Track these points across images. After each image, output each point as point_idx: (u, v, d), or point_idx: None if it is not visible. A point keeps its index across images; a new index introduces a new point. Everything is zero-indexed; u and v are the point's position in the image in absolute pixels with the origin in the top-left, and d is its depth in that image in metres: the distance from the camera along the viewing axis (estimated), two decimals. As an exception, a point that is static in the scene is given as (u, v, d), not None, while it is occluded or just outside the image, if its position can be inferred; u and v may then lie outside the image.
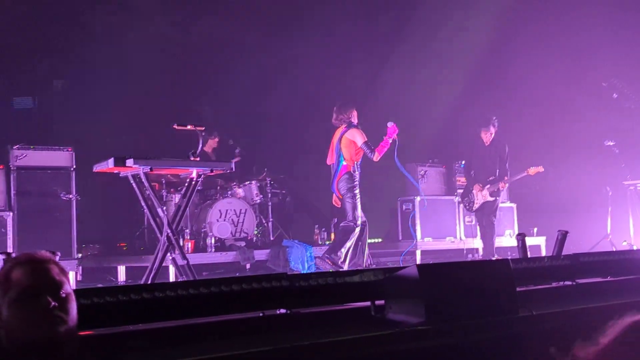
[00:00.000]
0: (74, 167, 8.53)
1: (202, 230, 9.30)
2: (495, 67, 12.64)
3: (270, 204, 10.33)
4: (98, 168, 6.65)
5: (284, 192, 11.30)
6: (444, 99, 12.99)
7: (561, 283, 4.25)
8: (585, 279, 4.34)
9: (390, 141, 8.72)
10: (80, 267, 8.72)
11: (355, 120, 8.82)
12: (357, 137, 8.73)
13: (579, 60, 12.32)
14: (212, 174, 7.38)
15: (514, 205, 11.72)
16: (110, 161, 6.36)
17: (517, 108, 12.38)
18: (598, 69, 12.21)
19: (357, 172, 8.79)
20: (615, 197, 10.93)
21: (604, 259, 4.55)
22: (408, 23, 13.13)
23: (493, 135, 10.25)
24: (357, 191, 8.79)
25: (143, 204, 6.78)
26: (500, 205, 11.55)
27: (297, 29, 12.44)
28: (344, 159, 8.76)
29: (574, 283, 4.24)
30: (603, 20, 12.37)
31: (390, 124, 8.76)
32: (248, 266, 9.16)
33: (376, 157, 8.73)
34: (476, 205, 10.35)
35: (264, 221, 10.23)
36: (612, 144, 10.73)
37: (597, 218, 10.93)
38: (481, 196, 10.29)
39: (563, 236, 4.74)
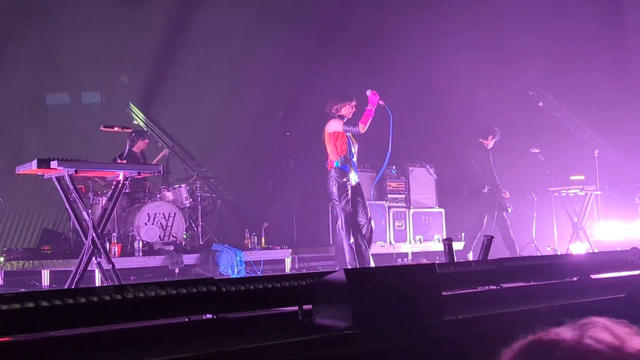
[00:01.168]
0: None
1: (130, 234, 9.13)
2: (423, 76, 12.81)
3: (200, 207, 10.22)
4: (21, 170, 6.45)
5: (214, 195, 11.21)
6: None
7: (486, 287, 4.33)
8: (510, 283, 4.43)
9: (374, 109, 8.06)
10: (2, 271, 8.46)
11: (346, 115, 8.25)
12: (336, 125, 8.18)
13: (506, 69, 12.59)
14: (140, 176, 7.25)
15: (442, 210, 11.89)
16: (34, 163, 6.17)
17: (444, 116, 12.59)
18: (524, 77, 12.53)
19: (341, 168, 8.12)
20: (540, 204, 11.22)
21: (527, 264, 4.65)
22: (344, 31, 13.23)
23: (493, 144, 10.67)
24: (342, 193, 8.09)
25: (67, 206, 6.61)
26: (430, 210, 11.73)
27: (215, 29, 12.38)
28: (328, 156, 8.27)
29: (499, 287, 4.32)
30: (530, 29, 12.70)
31: (369, 92, 8.18)
32: (177, 271, 9.03)
33: (362, 129, 8.03)
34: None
35: (193, 225, 10.11)
36: (537, 151, 11.00)
37: (523, 224, 11.19)
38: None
39: (488, 241, 4.83)
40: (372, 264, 8.21)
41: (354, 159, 8.29)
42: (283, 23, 12.91)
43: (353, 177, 8.26)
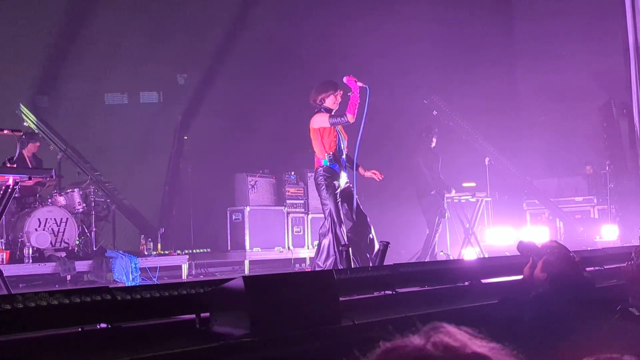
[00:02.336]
0: None
1: (19, 240, 8.79)
2: (314, 77, 12.93)
3: (93, 212, 9.95)
4: None
5: (108, 200, 10.94)
6: (275, 109, 13.14)
7: (382, 292, 4.41)
8: (405, 288, 4.53)
9: (358, 94, 7.34)
10: None
11: (331, 106, 7.52)
12: (321, 119, 7.47)
13: (400, 77, 12.87)
14: (31, 181, 7.01)
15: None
16: None
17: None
18: (419, 86, 12.85)
19: (330, 166, 7.44)
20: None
21: (421, 269, 4.77)
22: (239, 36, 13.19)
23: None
24: (330, 192, 7.37)
25: (-48, 212, 6.32)
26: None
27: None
28: (315, 154, 7.60)
29: (394, 292, 4.41)
30: (424, 38, 13.04)
31: (345, 79, 7.50)
32: (69, 278, 8.76)
33: (351, 119, 7.28)
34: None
35: (86, 231, 9.84)
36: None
37: (417, 229, 11.45)
38: None
39: (384, 247, 4.93)
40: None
41: (344, 156, 7.61)
42: (181, 25, 12.77)
43: (343, 178, 7.54)
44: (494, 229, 12.19)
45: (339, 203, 7.43)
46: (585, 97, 13.39)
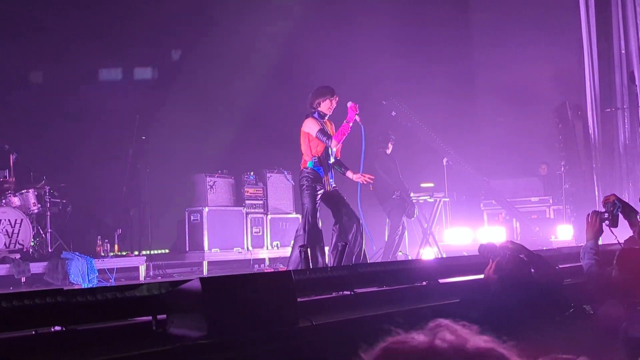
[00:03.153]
0: None
1: (-28, 241, 8.63)
2: (277, 84, 12.93)
3: (49, 213, 9.79)
4: None
5: (64, 201, 10.77)
6: (235, 109, 13.09)
7: (340, 293, 4.42)
8: (363, 288, 4.54)
9: (351, 125, 7.56)
10: None
11: (325, 111, 7.71)
12: (311, 126, 7.61)
13: (359, 78, 12.91)
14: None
15: (299, 216, 12.00)
16: None
17: (297, 123, 12.74)
18: (378, 87, 12.90)
19: (314, 169, 7.58)
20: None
21: (380, 270, 4.79)
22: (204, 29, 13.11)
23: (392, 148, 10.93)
24: (311, 193, 7.49)
25: None
26: (287, 216, 11.85)
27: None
28: (302, 154, 7.74)
29: (353, 293, 4.42)
30: (382, 39, 13.10)
31: (349, 104, 7.65)
32: (23, 280, 8.61)
33: (333, 144, 7.55)
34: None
35: (41, 232, 9.68)
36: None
37: (376, 229, 11.50)
38: None
39: (343, 247, 4.94)
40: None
41: (331, 160, 7.75)
42: (138, 27, 12.64)
43: (327, 181, 7.64)
44: (451, 229, 12.31)
45: (317, 205, 7.53)
46: (541, 99, 13.59)
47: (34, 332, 3.01)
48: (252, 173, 11.80)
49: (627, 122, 12.30)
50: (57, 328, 3.06)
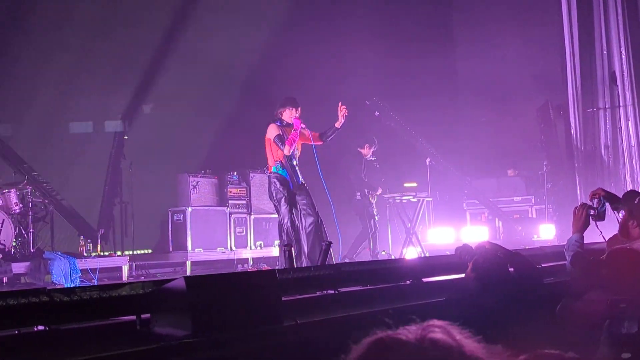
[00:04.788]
0: None
1: (-47, 241, 8.56)
2: (260, 82, 12.92)
3: (31, 213, 9.72)
4: None
5: (46, 201, 10.70)
6: (216, 110, 13.06)
7: (325, 292, 4.42)
8: (347, 287, 4.55)
9: (298, 132, 8.08)
10: None
11: (287, 119, 8.20)
12: (271, 132, 8.12)
13: (342, 78, 12.92)
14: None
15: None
16: None
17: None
18: (361, 87, 12.91)
19: (278, 172, 8.09)
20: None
21: (363, 269, 4.80)
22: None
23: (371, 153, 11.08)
24: (280, 196, 7.98)
25: None
26: (271, 216, 11.84)
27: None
28: (267, 159, 8.27)
29: (337, 292, 4.43)
30: (365, 38, 13.13)
31: (294, 119, 8.23)
32: (5, 280, 8.55)
33: (287, 151, 8.01)
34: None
35: (23, 232, 9.60)
36: (373, 159, 11.38)
37: (359, 229, 11.51)
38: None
39: (327, 246, 4.95)
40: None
41: (295, 162, 8.18)
42: (125, 20, 12.59)
43: (294, 182, 8.11)
44: (434, 228, 12.35)
45: (290, 205, 7.98)
46: (523, 99, 13.65)
47: (17, 332, 3.00)
48: (235, 173, 11.78)
49: (608, 122, 12.39)
50: (40, 328, 3.04)
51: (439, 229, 12.29)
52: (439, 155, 12.92)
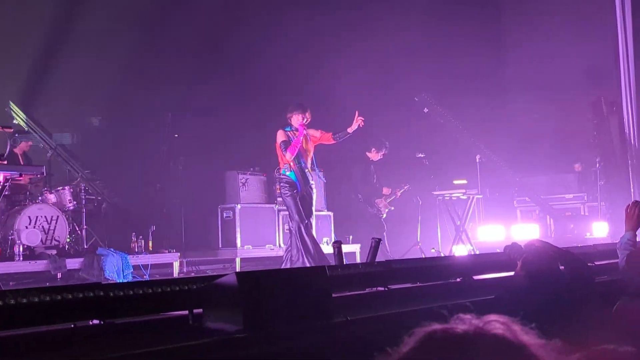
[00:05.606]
0: None
1: (9, 237, 8.76)
2: (313, 82, 12.92)
3: (84, 210, 9.92)
4: None
5: (99, 198, 10.90)
6: (265, 107, 13.12)
7: (374, 289, 4.41)
8: (397, 284, 4.53)
9: (301, 139, 8.70)
10: None
11: (295, 124, 8.74)
12: (279, 137, 8.73)
13: (391, 74, 12.87)
14: (21, 178, 6.98)
15: (330, 213, 12.02)
16: None
17: (332, 121, 12.73)
18: (410, 83, 12.84)
19: (287, 175, 8.70)
20: (425, 207, 11.55)
21: (413, 266, 4.78)
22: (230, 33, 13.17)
23: (381, 156, 11.18)
24: (288, 199, 8.66)
25: (-58, 209, 6.29)
26: (319, 213, 11.86)
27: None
28: (278, 163, 8.83)
29: (387, 289, 4.41)
30: (416, 34, 13.04)
31: (299, 124, 8.77)
32: (59, 275, 8.73)
33: (288, 157, 8.67)
34: (384, 215, 11.09)
35: (77, 228, 9.80)
36: (422, 155, 11.32)
37: (408, 226, 11.47)
38: (383, 206, 11.12)
39: (376, 243, 4.93)
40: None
41: (303, 165, 8.75)
42: (171, 24, 12.73)
43: (302, 184, 8.71)
44: (484, 226, 12.22)
45: (299, 206, 8.62)
46: (575, 95, 13.42)
47: (72, 326, 3.05)
48: (283, 170, 11.81)
49: (663, 118, 12.12)
50: (95, 321, 3.09)
51: (489, 226, 12.16)
52: (489, 152, 12.77)
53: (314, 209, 9.04)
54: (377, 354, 1.49)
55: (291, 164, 8.67)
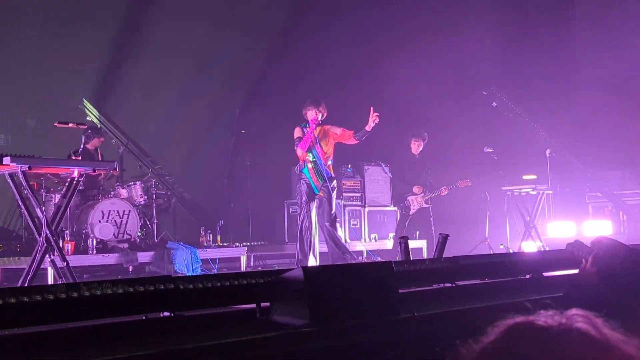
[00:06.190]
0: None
1: (83, 231, 9.02)
2: (380, 76, 12.88)
3: (155, 205, 10.13)
4: (-28, 165, 6.31)
5: (169, 193, 11.12)
6: (328, 103, 13.15)
7: (441, 285, 4.37)
8: (464, 281, 4.48)
9: (312, 132, 8.64)
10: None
11: (309, 119, 8.71)
12: (295, 134, 8.76)
13: (460, 68, 12.72)
14: (95, 173, 7.17)
15: (396, 208, 11.97)
16: (-14, 159, 6.05)
17: (399, 115, 12.67)
18: (479, 77, 12.67)
19: (303, 171, 8.68)
20: (493, 202, 11.38)
21: (482, 262, 4.71)
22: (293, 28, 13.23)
23: (422, 147, 10.76)
24: (302, 195, 8.63)
25: (20, 203, 6.50)
26: (385, 209, 11.82)
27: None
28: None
29: (454, 285, 4.37)
30: (484, 28, 12.86)
31: (311, 118, 8.75)
32: (131, 269, 8.95)
33: (299, 152, 8.71)
34: (412, 210, 10.72)
35: (148, 223, 10.03)
36: (490, 150, 11.16)
37: (476, 222, 11.33)
38: (417, 203, 10.68)
39: (444, 239, 4.88)
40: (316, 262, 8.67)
41: (318, 162, 8.61)
42: (241, 21, 12.87)
43: (317, 181, 8.61)
44: (555, 222, 11.98)
45: (310, 204, 8.58)
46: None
47: (144, 317, 3.12)
48: (349, 166, 11.83)
49: None
50: (166, 314, 3.16)
51: (559, 222, 11.91)
52: (559, 147, 12.51)
53: (334, 206, 8.77)
54: (445, 350, 1.48)
55: (307, 160, 8.64)
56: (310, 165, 8.60)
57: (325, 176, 8.61)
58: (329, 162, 8.76)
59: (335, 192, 8.81)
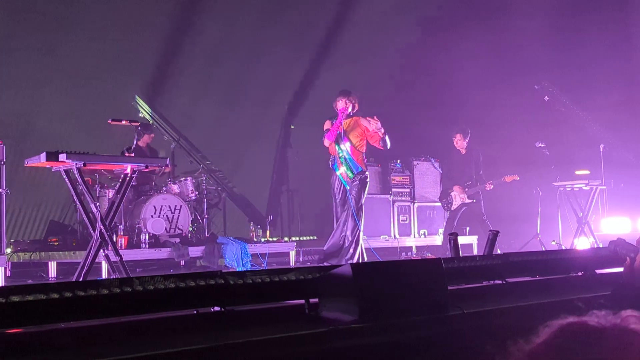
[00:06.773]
0: (4, 160, 8.27)
1: (136, 226, 9.17)
2: (429, 71, 12.80)
3: (205, 200, 10.25)
4: (30, 162, 6.47)
5: (219, 188, 11.24)
6: (378, 97, 13.12)
7: (491, 282, 4.34)
8: (515, 278, 4.44)
9: (340, 123, 8.39)
10: (10, 263, 8.51)
11: (338, 109, 8.48)
12: (325, 126, 8.58)
13: (512, 62, 12.57)
14: (147, 170, 7.28)
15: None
16: (43, 156, 6.19)
17: (449, 110, 12.58)
18: (530, 71, 12.50)
19: (332, 167, 8.53)
20: (545, 198, 11.22)
21: (533, 259, 4.66)
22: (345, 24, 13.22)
23: (466, 143, 10.63)
24: (335, 191, 8.55)
25: (75, 199, 6.64)
26: (434, 204, 11.74)
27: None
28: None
29: (504, 282, 4.33)
30: (535, 23, 12.67)
31: (340, 108, 8.52)
32: (182, 263, 9.07)
33: (325, 142, 8.52)
34: (454, 206, 10.60)
35: (199, 218, 10.15)
36: (542, 145, 10.99)
37: (528, 218, 11.19)
38: (459, 198, 10.54)
39: (494, 236, 4.84)
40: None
41: (343, 157, 8.41)
42: (288, 17, 12.91)
43: (341, 175, 8.46)
44: (609, 218, 11.76)
45: (335, 196, 8.56)
46: None
47: (195, 312, 3.18)
48: (398, 161, 11.79)
49: None
50: (216, 308, 3.20)
51: (614, 218, 11.68)
52: (614, 141, 12.26)
53: (362, 200, 8.50)
54: (494, 348, 1.48)
55: (336, 155, 8.44)
56: (340, 160, 8.41)
57: (355, 171, 8.41)
58: (360, 157, 8.50)
59: (366, 186, 8.58)
